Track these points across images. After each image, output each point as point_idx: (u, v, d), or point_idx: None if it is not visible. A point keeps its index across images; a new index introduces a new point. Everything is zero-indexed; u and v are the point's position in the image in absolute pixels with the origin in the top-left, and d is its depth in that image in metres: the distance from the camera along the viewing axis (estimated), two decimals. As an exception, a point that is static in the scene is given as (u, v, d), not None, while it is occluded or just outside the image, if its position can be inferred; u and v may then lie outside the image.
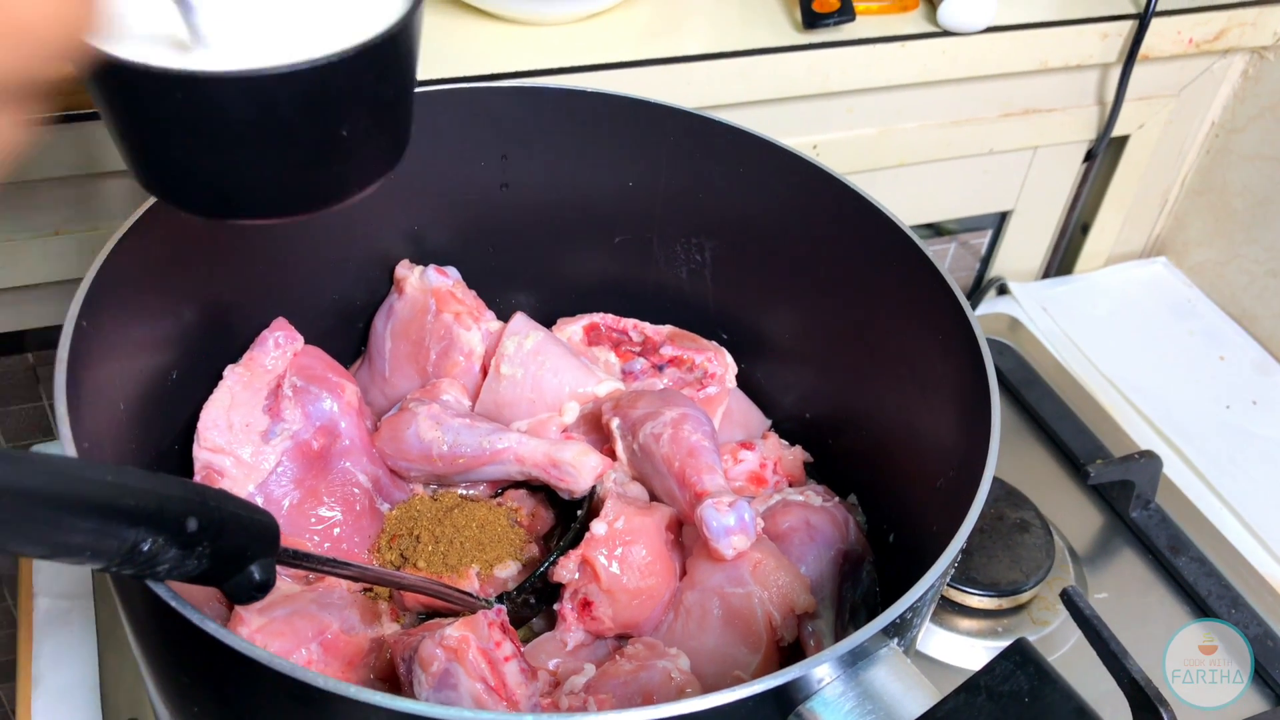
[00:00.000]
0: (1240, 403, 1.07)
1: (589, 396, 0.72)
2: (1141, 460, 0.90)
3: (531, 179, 0.75)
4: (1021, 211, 1.14)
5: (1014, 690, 0.44)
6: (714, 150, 0.72)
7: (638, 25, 0.88)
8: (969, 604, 0.82)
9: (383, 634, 0.61)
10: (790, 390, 0.80)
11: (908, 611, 0.46)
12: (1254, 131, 1.11)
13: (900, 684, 0.45)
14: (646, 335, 0.78)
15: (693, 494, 0.63)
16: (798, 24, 0.89)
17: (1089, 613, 0.70)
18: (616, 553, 0.62)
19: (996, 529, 0.85)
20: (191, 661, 0.47)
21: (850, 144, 0.98)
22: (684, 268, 0.79)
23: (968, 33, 0.92)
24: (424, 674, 0.52)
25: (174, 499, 0.40)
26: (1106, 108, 1.05)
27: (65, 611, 0.79)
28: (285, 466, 0.65)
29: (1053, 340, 1.11)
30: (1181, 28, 1.01)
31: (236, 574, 0.45)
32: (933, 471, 0.61)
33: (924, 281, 0.63)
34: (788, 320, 0.78)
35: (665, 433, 0.66)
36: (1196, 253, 1.21)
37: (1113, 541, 0.91)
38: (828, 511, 0.68)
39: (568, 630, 0.63)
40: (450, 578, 0.64)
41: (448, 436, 0.67)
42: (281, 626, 0.57)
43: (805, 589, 0.62)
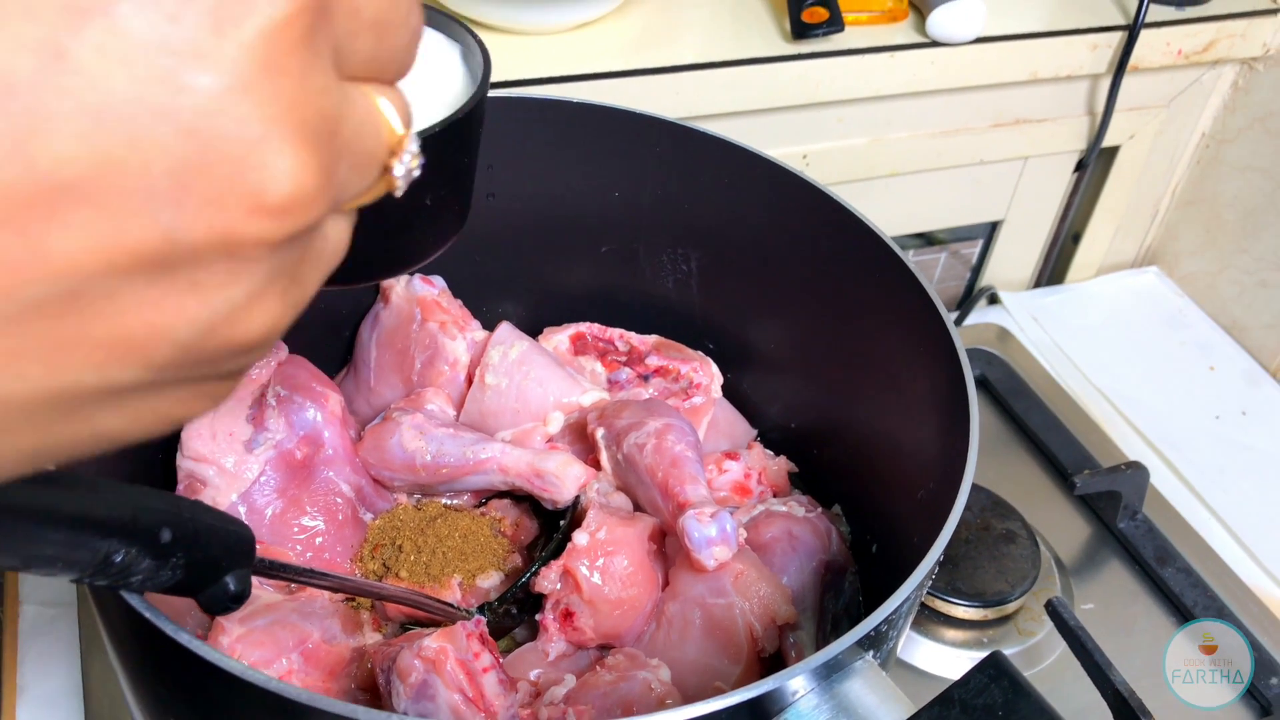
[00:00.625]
0: (1229, 413, 1.07)
1: (574, 406, 0.72)
2: (1129, 471, 0.90)
3: (518, 189, 0.75)
4: (1012, 221, 1.14)
5: (988, 704, 0.44)
6: (700, 161, 0.72)
7: (628, 35, 0.88)
8: (954, 614, 0.82)
9: (364, 644, 0.61)
10: (776, 400, 0.80)
11: (883, 624, 0.46)
12: (1244, 142, 1.11)
13: (875, 696, 0.45)
14: (632, 345, 0.79)
15: (675, 504, 0.63)
16: (787, 34, 0.89)
17: (1073, 623, 0.71)
18: (598, 563, 0.62)
19: (983, 539, 0.85)
20: (168, 673, 0.47)
21: (841, 154, 0.98)
22: (670, 278, 0.79)
23: (957, 43, 0.93)
24: (402, 685, 0.52)
25: (147, 510, 0.40)
26: (1097, 118, 1.05)
27: (51, 619, 0.78)
28: (268, 476, 0.65)
29: (1043, 350, 1.11)
30: (1171, 39, 1.01)
31: (212, 585, 0.45)
32: (914, 482, 0.61)
33: (906, 293, 0.63)
34: (773, 330, 0.78)
35: (649, 443, 0.66)
36: (1187, 263, 1.21)
37: (1100, 552, 0.91)
38: (810, 522, 0.68)
39: (549, 641, 0.63)
40: (433, 588, 0.64)
41: (431, 446, 0.68)
42: (262, 636, 0.57)
43: (787, 600, 0.62)
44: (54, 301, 0.20)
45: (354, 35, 0.23)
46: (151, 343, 0.21)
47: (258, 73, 0.20)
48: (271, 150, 0.21)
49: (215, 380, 0.24)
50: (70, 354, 0.21)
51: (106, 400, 0.22)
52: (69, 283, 0.20)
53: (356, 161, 0.24)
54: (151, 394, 0.23)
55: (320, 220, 0.23)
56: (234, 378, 0.25)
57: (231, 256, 0.21)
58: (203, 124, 0.20)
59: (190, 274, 0.21)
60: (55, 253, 0.19)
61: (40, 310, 0.20)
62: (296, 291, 0.24)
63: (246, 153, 0.20)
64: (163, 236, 0.20)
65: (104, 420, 0.22)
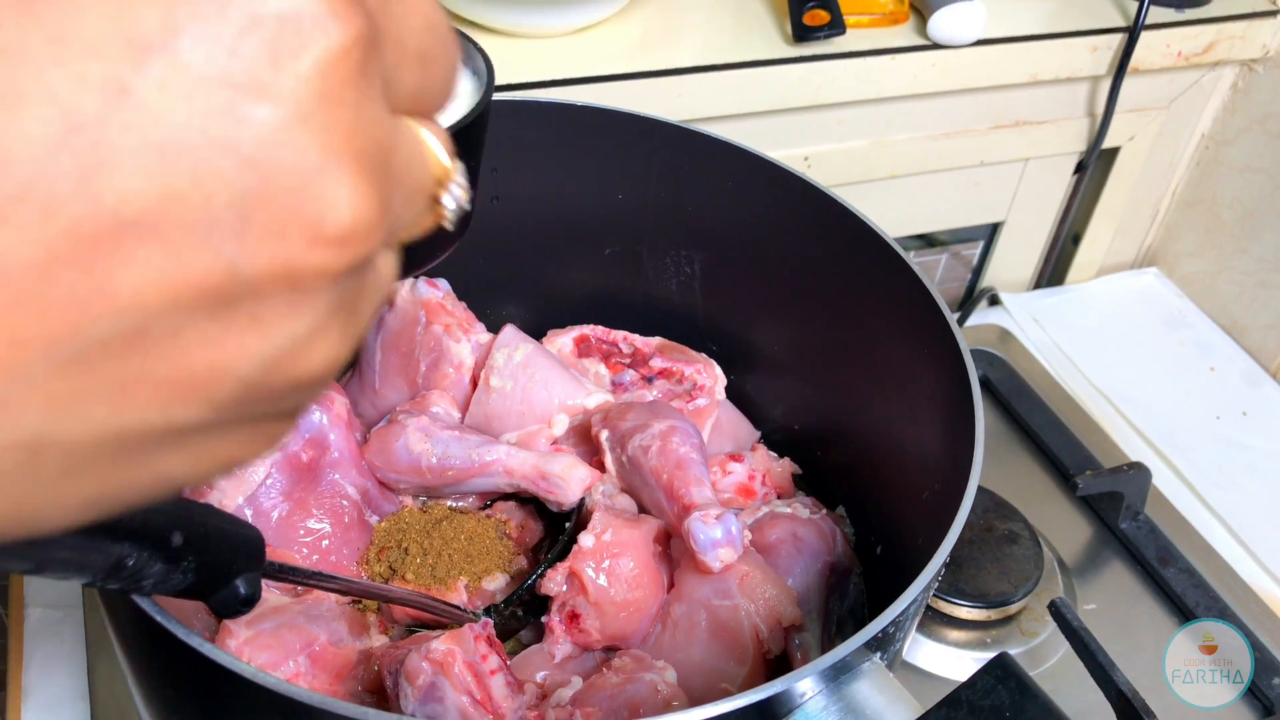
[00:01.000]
0: (1230, 413, 1.08)
1: (578, 409, 0.72)
2: (1130, 472, 0.90)
3: (522, 191, 0.76)
4: (1013, 223, 1.14)
5: (995, 705, 0.44)
6: (703, 163, 0.73)
7: (629, 38, 0.89)
8: (957, 615, 0.82)
9: (371, 646, 0.62)
10: (779, 402, 0.80)
11: (890, 626, 0.46)
12: (1243, 144, 1.12)
13: (883, 698, 0.45)
14: (636, 347, 0.79)
15: (680, 506, 0.63)
16: (789, 37, 0.90)
17: (1077, 624, 0.71)
18: (604, 565, 0.63)
19: (985, 540, 0.85)
20: (177, 675, 0.47)
21: (842, 156, 0.98)
22: (674, 280, 0.79)
23: (958, 45, 0.93)
24: (410, 687, 0.52)
25: (159, 513, 0.40)
26: (1097, 120, 1.06)
27: (57, 622, 0.79)
28: (274, 479, 0.65)
29: (1043, 351, 1.11)
30: (1170, 41, 1.01)
31: (222, 588, 0.45)
32: (919, 484, 0.62)
33: (910, 295, 0.63)
34: (777, 332, 0.78)
35: (654, 445, 0.67)
36: (1187, 264, 1.21)
37: (1102, 553, 0.91)
38: (815, 524, 0.68)
39: (555, 643, 0.63)
40: (439, 590, 0.64)
41: (437, 449, 0.68)
42: (269, 639, 0.58)
43: (792, 601, 0.62)
44: (118, 339, 0.20)
45: (400, 68, 0.23)
46: (215, 380, 0.21)
47: (315, 103, 0.20)
48: (331, 180, 0.21)
49: (274, 420, 0.24)
50: (134, 393, 0.20)
51: (169, 442, 0.22)
52: (134, 319, 0.20)
53: (408, 193, 0.24)
54: (213, 435, 0.23)
55: (376, 251, 0.23)
56: (292, 417, 0.25)
57: (292, 289, 0.21)
58: (263, 155, 0.20)
59: (252, 308, 0.21)
60: (120, 289, 0.19)
61: (105, 349, 0.20)
62: (354, 324, 0.24)
63: (306, 183, 0.20)
64: (225, 270, 0.20)
65: (165, 463, 0.22)
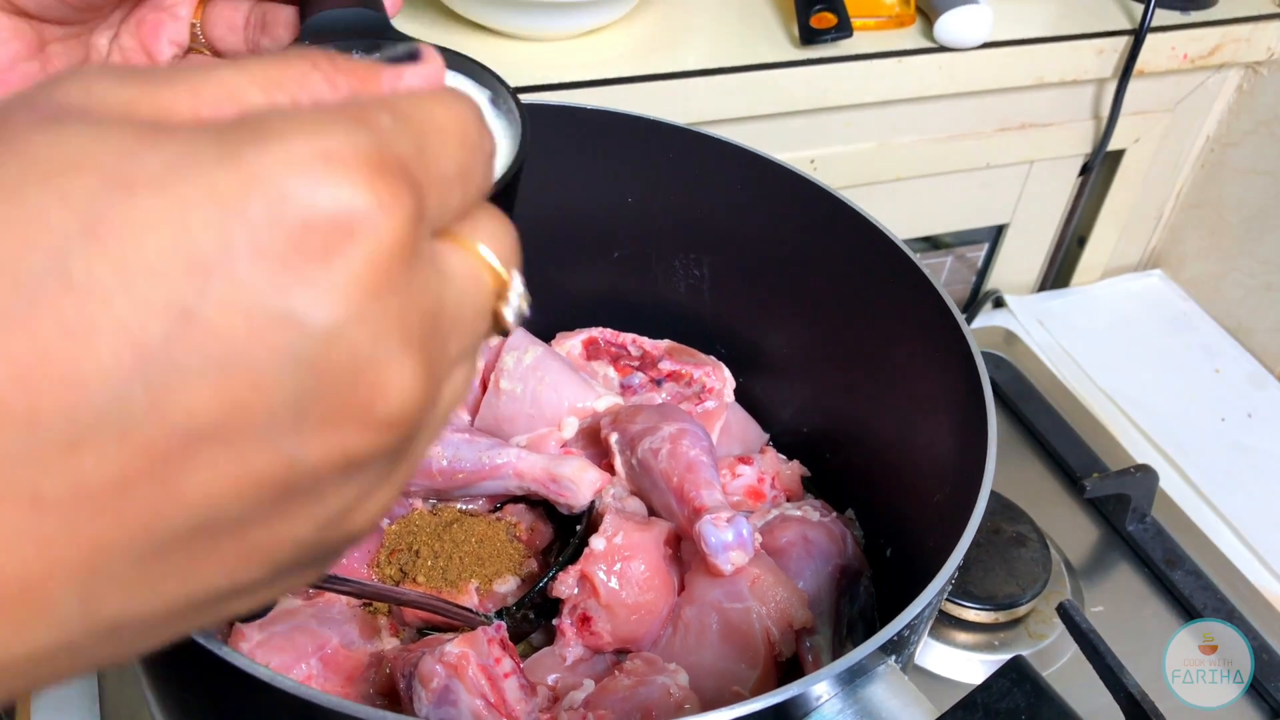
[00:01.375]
0: (1235, 416, 1.08)
1: (588, 411, 0.72)
2: (1137, 474, 0.90)
3: (530, 195, 0.75)
4: (1018, 225, 1.14)
5: (1011, 708, 0.44)
6: (712, 166, 0.73)
7: (636, 41, 0.89)
8: (965, 618, 0.82)
9: (382, 649, 0.62)
10: (788, 404, 0.80)
11: (905, 629, 0.46)
12: (1248, 146, 1.12)
13: (898, 701, 0.45)
14: (645, 350, 0.79)
15: (691, 509, 0.63)
16: (795, 40, 0.90)
17: (1085, 627, 0.71)
18: (615, 568, 0.63)
19: (993, 542, 0.85)
20: (192, 678, 0.47)
21: (848, 159, 0.98)
22: (682, 283, 0.79)
23: (964, 48, 0.93)
24: (424, 690, 0.52)
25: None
26: (1102, 122, 1.06)
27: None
28: (285, 481, 0.65)
29: (1049, 353, 1.11)
30: (1176, 43, 1.02)
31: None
32: (930, 487, 0.62)
33: (920, 297, 0.63)
34: (786, 334, 0.78)
35: (663, 448, 0.67)
36: (1192, 266, 1.21)
37: (1109, 555, 0.91)
38: (825, 526, 0.68)
39: (567, 645, 0.63)
40: (449, 593, 0.64)
41: (447, 451, 0.68)
42: (281, 641, 0.58)
43: (803, 604, 0.62)
44: (188, 533, 0.21)
45: (445, 199, 0.24)
46: (276, 548, 0.23)
47: (367, 299, 0.21)
48: (379, 367, 0.21)
49: (323, 563, 0.26)
50: (203, 569, 0.22)
51: (229, 596, 0.23)
52: (203, 516, 0.21)
53: (464, 330, 0.25)
54: (271, 584, 0.24)
55: (428, 417, 0.24)
56: (341, 554, 0.26)
57: (347, 468, 0.22)
58: (318, 355, 0.21)
59: (310, 487, 0.22)
60: (190, 492, 0.20)
61: (177, 542, 0.21)
62: (404, 474, 0.25)
63: (358, 374, 0.21)
64: (286, 463, 0.21)
65: (224, 610, 0.24)
